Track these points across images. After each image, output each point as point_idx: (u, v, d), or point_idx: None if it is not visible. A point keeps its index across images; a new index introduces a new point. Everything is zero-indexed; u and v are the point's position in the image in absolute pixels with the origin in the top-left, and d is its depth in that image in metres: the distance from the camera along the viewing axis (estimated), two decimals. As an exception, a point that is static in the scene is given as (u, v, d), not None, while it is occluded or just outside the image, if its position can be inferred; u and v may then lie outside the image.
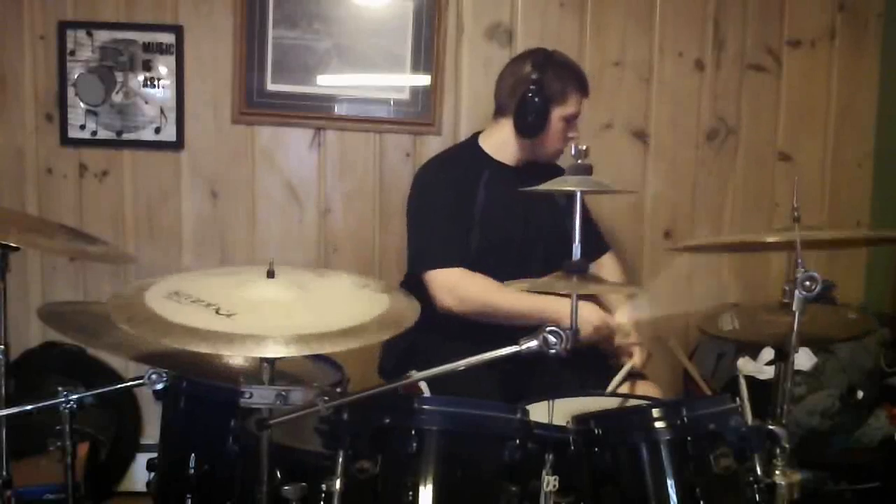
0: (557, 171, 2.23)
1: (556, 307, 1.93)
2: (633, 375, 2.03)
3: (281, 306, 1.29)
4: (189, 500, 1.61)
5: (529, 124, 2.10)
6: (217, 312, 1.21)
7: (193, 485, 1.61)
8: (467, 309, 2.04)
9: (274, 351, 1.17)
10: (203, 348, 1.15)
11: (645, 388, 2.02)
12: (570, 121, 2.13)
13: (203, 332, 1.16)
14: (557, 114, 2.10)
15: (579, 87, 2.14)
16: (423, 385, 1.92)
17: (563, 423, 1.44)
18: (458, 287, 2.04)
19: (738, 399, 1.38)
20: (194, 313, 1.21)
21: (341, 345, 1.20)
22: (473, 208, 2.14)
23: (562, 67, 2.13)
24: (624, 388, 1.97)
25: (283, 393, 1.23)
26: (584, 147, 1.51)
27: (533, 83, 2.08)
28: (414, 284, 2.16)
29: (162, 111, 2.67)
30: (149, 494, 1.71)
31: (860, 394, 2.41)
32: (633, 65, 2.81)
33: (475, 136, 2.27)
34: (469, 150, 2.24)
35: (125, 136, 2.67)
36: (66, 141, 2.65)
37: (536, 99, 2.07)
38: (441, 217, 2.12)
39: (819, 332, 1.70)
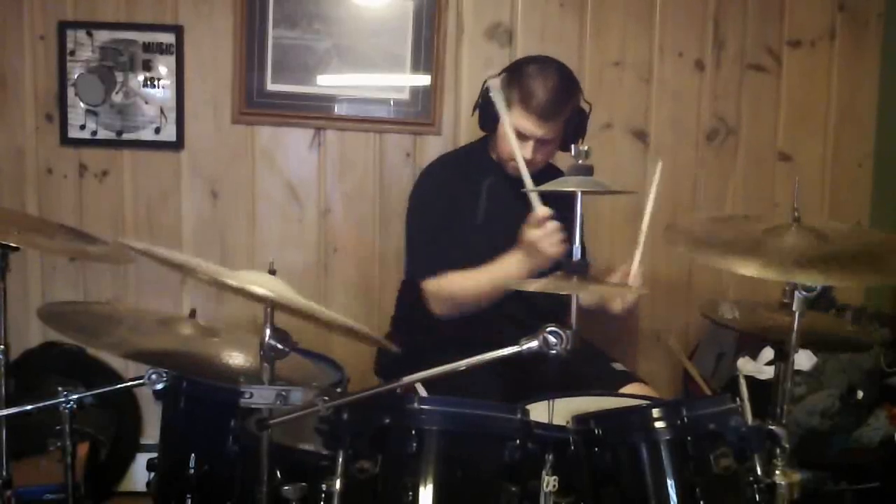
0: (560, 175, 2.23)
1: (505, 268, 1.93)
2: (630, 379, 2.02)
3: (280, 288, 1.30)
4: (189, 500, 1.61)
5: (483, 117, 2.13)
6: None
7: (193, 485, 1.61)
8: (465, 309, 2.04)
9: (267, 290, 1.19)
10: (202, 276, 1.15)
11: (642, 390, 2.00)
12: (518, 135, 2.03)
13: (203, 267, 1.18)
14: (507, 119, 2.03)
15: (525, 104, 2.02)
16: (419, 386, 1.92)
17: (563, 423, 1.44)
18: (451, 294, 2.05)
19: (738, 399, 1.38)
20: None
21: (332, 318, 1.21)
22: (475, 211, 2.14)
23: (525, 78, 2.05)
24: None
25: (283, 393, 1.23)
26: (585, 147, 1.51)
27: (503, 82, 2.08)
28: (412, 287, 2.16)
29: (162, 111, 2.67)
30: (149, 494, 1.71)
31: (860, 394, 2.41)
32: (633, 65, 2.81)
33: (485, 138, 2.25)
34: (476, 153, 2.24)
35: (125, 136, 2.66)
36: (66, 141, 2.65)
37: (491, 94, 2.07)
38: (435, 226, 2.12)
39: (819, 341, 1.71)
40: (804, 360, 2.38)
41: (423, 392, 1.88)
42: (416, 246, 2.18)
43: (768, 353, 2.38)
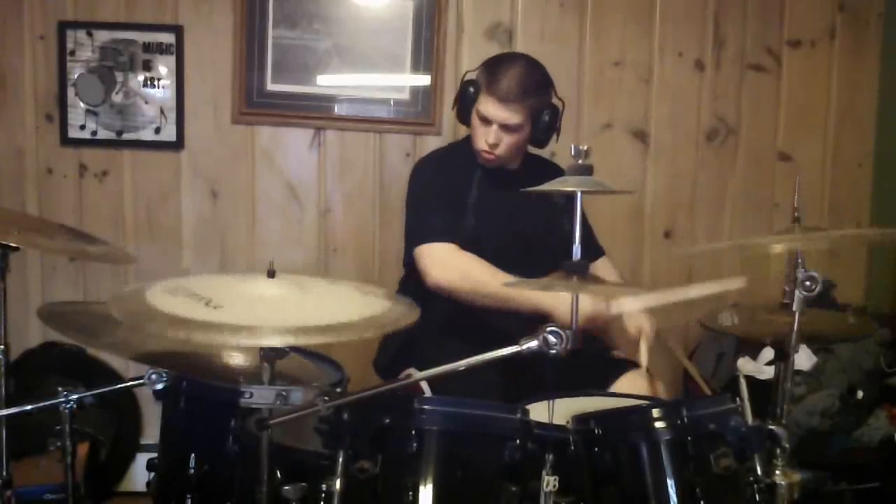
0: (558, 173, 2.23)
1: (551, 300, 1.92)
2: (630, 366, 2.03)
3: (274, 302, 1.29)
4: (189, 500, 1.61)
5: (460, 110, 2.15)
6: (206, 305, 1.22)
7: (193, 485, 1.61)
8: (458, 286, 2.02)
9: (250, 341, 1.17)
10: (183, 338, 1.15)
11: (641, 377, 2.00)
12: (483, 120, 2.09)
13: (185, 320, 1.17)
14: (476, 107, 2.10)
15: (488, 88, 2.06)
16: (424, 385, 1.92)
17: (563, 423, 1.44)
18: (450, 261, 2.03)
19: (738, 399, 1.38)
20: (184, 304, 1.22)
21: (320, 339, 1.19)
22: (467, 204, 2.15)
23: (493, 66, 2.10)
24: (625, 385, 1.96)
25: (283, 393, 1.23)
26: (585, 147, 1.51)
27: (477, 75, 2.12)
28: (412, 283, 2.16)
29: (162, 111, 2.67)
30: (149, 494, 1.71)
31: (860, 394, 2.41)
32: (633, 65, 2.81)
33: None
34: (464, 147, 2.24)
35: (125, 136, 2.67)
36: (66, 141, 2.65)
37: (471, 89, 2.10)
38: (436, 199, 2.13)
39: (819, 334, 1.70)
40: (804, 360, 2.38)
41: (427, 391, 1.89)
42: (416, 215, 2.18)
43: (768, 353, 2.38)
